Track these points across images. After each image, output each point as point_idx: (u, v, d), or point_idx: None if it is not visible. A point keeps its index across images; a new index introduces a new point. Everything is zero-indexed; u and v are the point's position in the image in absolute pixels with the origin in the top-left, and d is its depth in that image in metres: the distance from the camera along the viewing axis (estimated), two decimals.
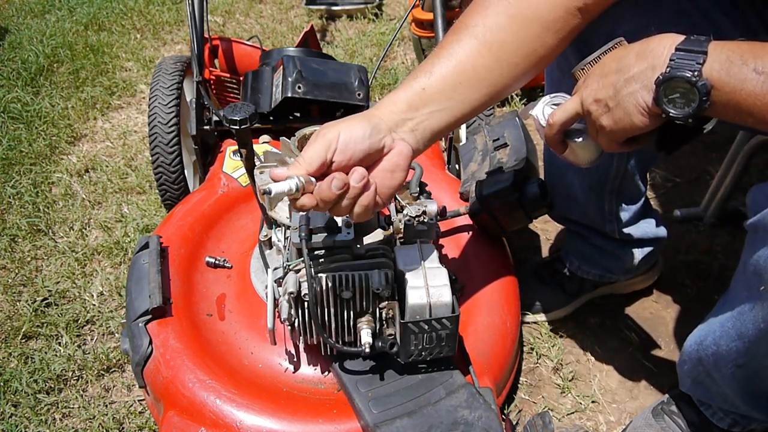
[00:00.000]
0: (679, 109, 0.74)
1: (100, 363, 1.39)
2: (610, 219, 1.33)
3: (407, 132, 0.86)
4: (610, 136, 0.83)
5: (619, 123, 0.80)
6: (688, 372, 1.09)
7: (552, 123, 0.90)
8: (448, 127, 0.90)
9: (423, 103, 0.86)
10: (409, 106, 0.86)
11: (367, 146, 0.82)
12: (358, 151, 0.81)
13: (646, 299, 1.55)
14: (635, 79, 0.77)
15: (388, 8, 3.06)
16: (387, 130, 0.84)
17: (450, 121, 0.89)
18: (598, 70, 0.83)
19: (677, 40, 0.75)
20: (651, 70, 0.76)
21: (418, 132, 0.87)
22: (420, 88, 0.87)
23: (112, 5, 3.08)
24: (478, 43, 0.87)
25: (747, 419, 1.07)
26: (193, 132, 1.52)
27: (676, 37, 0.76)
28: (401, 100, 0.86)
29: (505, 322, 1.22)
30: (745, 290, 0.89)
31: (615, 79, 0.79)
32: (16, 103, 2.29)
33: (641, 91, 0.77)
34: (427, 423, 0.96)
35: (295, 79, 1.49)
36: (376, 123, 0.83)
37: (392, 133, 0.85)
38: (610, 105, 0.80)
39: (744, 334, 0.89)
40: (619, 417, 1.30)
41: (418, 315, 0.96)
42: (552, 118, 0.89)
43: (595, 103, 0.82)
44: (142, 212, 1.81)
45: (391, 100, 0.87)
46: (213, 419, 1.01)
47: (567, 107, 0.88)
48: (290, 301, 0.98)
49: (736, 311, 0.91)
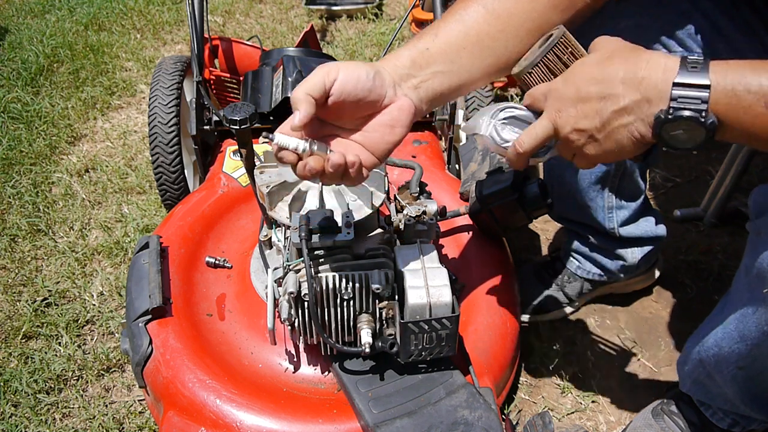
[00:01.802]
0: (683, 143, 0.72)
1: (100, 363, 1.39)
2: (610, 217, 1.33)
3: (410, 89, 0.85)
4: (593, 161, 0.81)
5: (608, 153, 0.77)
6: (689, 373, 1.09)
7: (522, 152, 0.83)
8: (450, 92, 0.88)
9: (426, 63, 0.86)
10: (413, 62, 0.85)
11: (368, 88, 0.79)
12: (359, 90, 0.79)
13: (646, 299, 1.56)
14: (628, 111, 0.73)
15: (388, 8, 3.06)
16: (390, 81, 0.83)
17: (452, 86, 0.88)
18: (571, 92, 0.77)
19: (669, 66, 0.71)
20: (647, 103, 0.72)
21: (421, 90, 0.86)
22: (424, 48, 0.86)
23: (112, 5, 3.07)
24: (485, 11, 0.87)
25: (747, 419, 1.07)
26: (193, 132, 1.52)
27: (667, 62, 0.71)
28: (405, 56, 0.86)
29: (505, 322, 1.22)
30: (747, 292, 0.89)
31: (600, 108, 0.75)
32: (16, 103, 2.29)
33: (637, 123, 0.73)
34: (427, 423, 0.96)
35: (295, 79, 1.49)
36: (378, 70, 0.82)
37: (396, 87, 0.84)
38: (597, 136, 0.77)
39: (747, 336, 0.89)
40: (619, 417, 1.30)
41: (418, 315, 0.96)
42: (521, 146, 0.83)
43: (576, 132, 0.78)
44: (142, 212, 1.81)
45: (394, 56, 0.86)
46: (213, 419, 1.01)
47: (537, 134, 0.81)
48: (290, 301, 0.98)
49: (739, 313, 0.91)
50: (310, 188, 1.09)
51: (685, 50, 1.01)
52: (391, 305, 1.01)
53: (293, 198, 1.07)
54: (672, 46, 1.01)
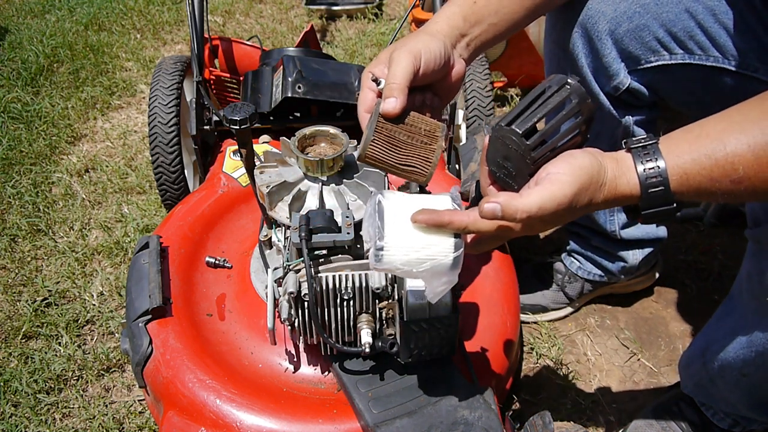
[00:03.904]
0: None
1: (100, 363, 1.39)
2: (612, 220, 1.33)
3: (463, 48, 0.89)
4: None
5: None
6: (691, 376, 1.09)
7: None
8: (493, 42, 0.93)
9: (476, 19, 0.89)
10: (465, 19, 0.88)
11: (443, 62, 0.84)
12: (438, 66, 0.83)
13: (646, 299, 1.56)
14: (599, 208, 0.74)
15: (388, 8, 3.06)
16: (451, 48, 0.87)
17: (497, 36, 0.92)
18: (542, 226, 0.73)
19: (632, 195, 0.71)
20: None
21: (471, 47, 0.90)
22: (471, 2, 0.89)
23: (112, 5, 3.08)
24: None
25: (748, 420, 1.07)
26: (193, 132, 1.52)
27: (626, 190, 0.71)
28: (456, 14, 0.89)
29: (505, 322, 1.21)
30: (753, 300, 0.89)
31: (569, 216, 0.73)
32: (16, 103, 2.29)
33: None
34: (427, 423, 0.96)
35: (295, 79, 1.49)
36: (443, 40, 0.85)
37: (453, 50, 0.88)
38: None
39: (753, 344, 0.89)
40: (619, 417, 1.30)
41: (418, 315, 0.96)
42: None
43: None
44: (142, 212, 1.81)
45: (445, 15, 0.89)
46: (213, 419, 1.01)
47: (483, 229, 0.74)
48: (290, 301, 0.98)
49: (746, 321, 0.91)
50: (310, 188, 1.09)
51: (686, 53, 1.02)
52: (391, 305, 1.01)
53: (293, 198, 1.07)
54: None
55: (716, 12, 0.97)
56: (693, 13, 0.98)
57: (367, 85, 0.85)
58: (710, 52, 1.00)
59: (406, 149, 0.81)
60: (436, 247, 0.75)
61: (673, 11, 0.99)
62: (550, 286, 1.48)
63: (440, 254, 0.75)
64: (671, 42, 1.02)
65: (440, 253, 0.75)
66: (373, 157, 0.81)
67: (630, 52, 1.05)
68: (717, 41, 0.98)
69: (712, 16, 0.97)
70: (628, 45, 1.05)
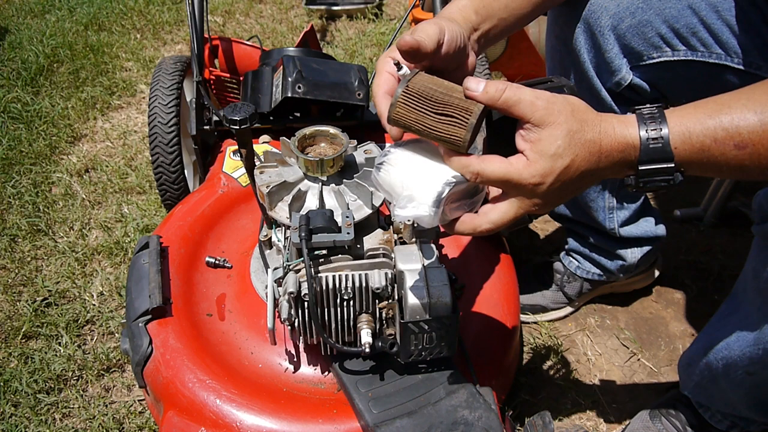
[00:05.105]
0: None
1: (100, 363, 1.39)
2: (611, 218, 1.33)
3: (474, 42, 0.88)
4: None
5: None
6: (692, 376, 1.09)
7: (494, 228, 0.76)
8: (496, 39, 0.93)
9: (486, 12, 0.89)
10: (476, 13, 0.88)
11: (462, 46, 0.82)
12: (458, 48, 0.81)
13: (646, 299, 1.56)
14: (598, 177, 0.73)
15: (388, 8, 3.06)
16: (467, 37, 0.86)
17: (503, 31, 0.93)
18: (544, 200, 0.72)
19: (629, 148, 0.69)
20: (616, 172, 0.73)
21: (482, 41, 0.90)
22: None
23: (112, 5, 3.08)
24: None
25: (746, 421, 1.07)
26: (193, 132, 1.52)
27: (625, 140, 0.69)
28: (467, 6, 0.88)
29: (505, 322, 1.21)
30: (759, 297, 0.88)
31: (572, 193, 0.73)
32: (16, 103, 2.29)
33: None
34: (427, 423, 0.96)
35: (295, 79, 1.49)
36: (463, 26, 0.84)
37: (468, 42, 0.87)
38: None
39: (760, 340, 0.88)
40: (619, 417, 1.30)
41: (418, 315, 0.96)
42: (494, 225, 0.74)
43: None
44: (142, 212, 1.81)
45: (457, 7, 0.88)
46: (213, 419, 1.01)
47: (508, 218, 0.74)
48: (290, 301, 0.98)
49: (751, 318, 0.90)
50: (310, 188, 1.09)
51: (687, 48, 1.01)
52: (391, 305, 1.01)
53: (293, 198, 1.07)
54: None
55: (719, 9, 0.96)
56: (696, 9, 0.98)
57: (386, 69, 0.78)
58: (713, 49, 1.00)
59: (440, 107, 0.70)
60: (431, 177, 0.73)
61: (675, 7, 0.99)
62: (550, 286, 1.48)
63: (433, 183, 0.72)
64: (674, 38, 1.01)
65: (434, 182, 0.72)
66: (404, 112, 0.71)
67: (632, 47, 1.05)
68: (720, 38, 0.98)
69: (715, 13, 0.97)
70: (630, 41, 1.04)
